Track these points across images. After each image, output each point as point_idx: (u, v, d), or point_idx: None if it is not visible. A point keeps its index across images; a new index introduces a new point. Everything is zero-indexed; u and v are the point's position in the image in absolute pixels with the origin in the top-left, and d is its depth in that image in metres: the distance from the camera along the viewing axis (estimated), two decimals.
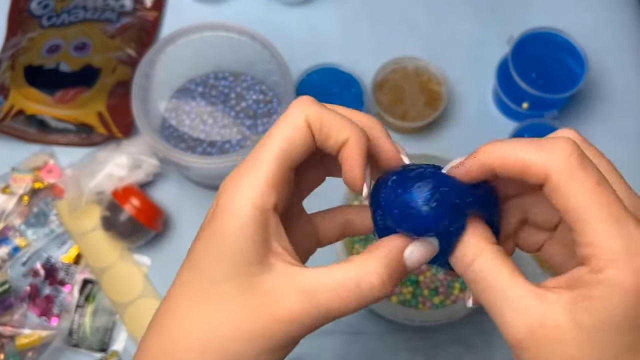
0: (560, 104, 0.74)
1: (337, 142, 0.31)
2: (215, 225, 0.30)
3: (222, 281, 0.29)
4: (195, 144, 0.72)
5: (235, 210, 0.29)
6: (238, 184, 0.30)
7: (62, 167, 0.72)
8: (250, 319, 0.29)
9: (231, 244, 0.29)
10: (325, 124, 0.31)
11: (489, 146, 0.29)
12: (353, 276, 0.29)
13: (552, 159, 0.27)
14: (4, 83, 0.72)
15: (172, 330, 0.31)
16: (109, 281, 0.67)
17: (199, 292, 0.30)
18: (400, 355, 0.66)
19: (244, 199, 0.29)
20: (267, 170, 0.30)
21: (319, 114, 0.31)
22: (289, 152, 0.30)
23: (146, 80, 0.67)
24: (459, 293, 0.64)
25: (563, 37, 0.73)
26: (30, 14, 0.78)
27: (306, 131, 0.31)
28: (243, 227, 0.29)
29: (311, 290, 0.29)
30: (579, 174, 0.27)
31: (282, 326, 0.29)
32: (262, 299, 0.29)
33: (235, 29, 0.69)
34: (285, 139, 0.30)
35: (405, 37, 0.80)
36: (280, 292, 0.29)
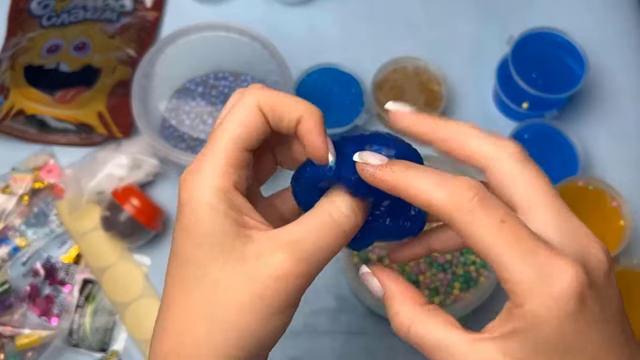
0: (560, 104, 0.74)
1: (292, 120, 0.32)
2: (186, 215, 0.31)
3: (209, 263, 0.30)
4: (195, 144, 0.72)
5: (202, 196, 0.30)
6: (199, 173, 0.31)
7: (62, 167, 0.72)
8: (246, 287, 0.30)
9: (206, 226, 0.30)
10: (277, 105, 0.32)
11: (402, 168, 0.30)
12: (324, 213, 0.31)
13: (453, 202, 0.28)
14: (4, 83, 0.72)
15: (176, 328, 0.31)
16: (109, 281, 0.67)
17: (190, 280, 0.31)
18: (400, 355, 0.66)
19: (207, 184, 0.31)
20: (224, 153, 0.31)
21: (269, 97, 0.32)
22: (244, 135, 0.31)
23: (146, 80, 0.67)
24: (459, 293, 0.64)
25: (563, 37, 0.73)
26: (30, 14, 0.78)
27: (259, 114, 0.32)
28: (212, 209, 0.30)
29: (294, 240, 0.30)
30: (480, 215, 0.27)
31: (279, 283, 0.30)
32: (251, 265, 0.30)
33: (235, 29, 0.69)
34: (239, 123, 0.31)
35: (405, 37, 0.80)
36: (267, 253, 0.30)
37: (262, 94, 0.32)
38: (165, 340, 0.31)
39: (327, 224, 0.31)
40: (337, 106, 0.73)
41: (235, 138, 0.31)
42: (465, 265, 0.65)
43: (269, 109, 0.32)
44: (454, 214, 0.28)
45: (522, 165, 0.30)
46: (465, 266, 0.65)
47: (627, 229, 0.65)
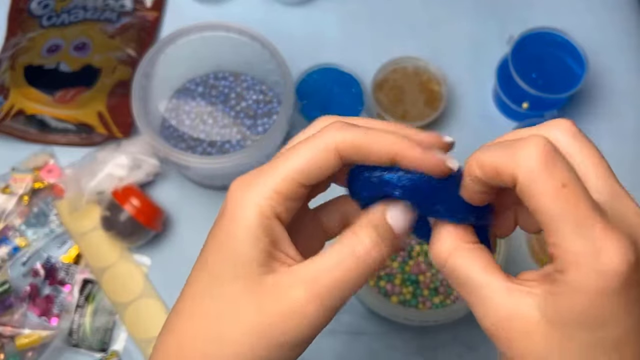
0: (560, 104, 0.74)
1: (383, 158, 0.31)
2: (221, 226, 0.31)
3: (228, 280, 0.30)
4: (195, 144, 0.72)
5: (242, 212, 0.30)
6: (248, 189, 0.31)
7: (62, 167, 0.72)
8: (253, 314, 0.29)
9: (236, 244, 0.30)
10: (363, 147, 0.30)
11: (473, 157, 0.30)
12: (347, 248, 0.30)
13: (518, 162, 0.27)
14: (4, 83, 0.72)
15: (182, 329, 0.31)
16: (109, 281, 0.67)
17: (206, 290, 0.31)
18: (400, 355, 0.66)
19: (251, 203, 0.30)
20: (279, 181, 0.30)
21: (352, 139, 0.30)
22: (306, 173, 0.31)
23: (146, 80, 0.67)
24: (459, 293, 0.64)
25: (563, 37, 0.73)
26: (30, 14, 0.78)
27: (333, 158, 0.31)
28: (248, 230, 0.30)
29: (312, 277, 0.30)
30: (542, 176, 0.27)
31: (288, 321, 0.29)
32: (266, 295, 0.30)
33: (235, 29, 0.69)
34: (307, 160, 0.30)
35: (405, 37, 0.80)
36: (283, 287, 0.30)
37: (344, 137, 0.30)
38: (167, 350, 0.31)
39: (347, 260, 0.30)
40: (337, 106, 0.73)
41: (296, 172, 0.30)
42: None
43: (352, 151, 0.30)
44: (520, 178, 0.27)
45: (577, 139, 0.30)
46: None
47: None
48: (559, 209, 0.26)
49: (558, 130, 0.30)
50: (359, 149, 0.30)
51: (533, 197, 0.27)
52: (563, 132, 0.30)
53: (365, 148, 0.30)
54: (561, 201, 0.26)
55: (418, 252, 0.65)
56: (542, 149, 0.27)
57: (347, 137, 0.30)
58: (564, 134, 0.30)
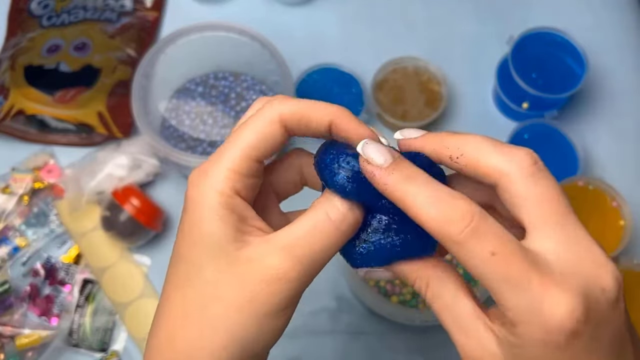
0: (560, 104, 0.74)
1: (321, 124, 0.32)
2: (187, 215, 0.31)
3: (204, 264, 0.30)
4: (195, 144, 0.72)
5: (202, 198, 0.31)
6: (203, 175, 0.31)
7: (62, 167, 0.72)
8: (237, 290, 0.30)
9: (204, 227, 0.30)
10: (303, 114, 0.32)
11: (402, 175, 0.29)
12: (321, 212, 0.31)
13: (443, 226, 0.27)
14: (4, 83, 0.72)
15: (170, 321, 0.31)
16: (109, 281, 0.67)
17: (185, 280, 0.31)
18: (400, 355, 0.66)
19: (211, 187, 0.31)
20: (232, 160, 0.31)
21: (293, 108, 0.32)
22: (254, 145, 0.31)
23: (146, 80, 0.67)
24: None
25: (563, 37, 0.73)
26: (30, 14, 0.78)
27: (277, 127, 0.32)
28: (211, 211, 0.30)
29: (289, 243, 0.30)
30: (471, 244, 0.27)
31: (269, 287, 0.29)
32: (243, 268, 0.30)
33: (235, 29, 0.69)
34: (256, 135, 0.31)
35: (405, 37, 0.80)
36: (260, 256, 0.30)
37: (285, 106, 0.32)
38: (159, 338, 0.32)
39: (323, 224, 0.30)
40: None
41: (245, 147, 0.31)
42: None
43: (294, 120, 0.32)
44: (444, 238, 0.27)
45: (533, 181, 0.28)
46: None
47: (627, 228, 0.65)
48: (492, 274, 0.27)
49: (516, 166, 0.28)
50: (300, 118, 0.31)
51: (464, 262, 0.27)
52: (520, 168, 0.28)
53: (306, 117, 0.32)
54: (492, 266, 0.27)
55: None
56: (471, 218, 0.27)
57: (289, 107, 0.32)
58: (521, 171, 0.28)
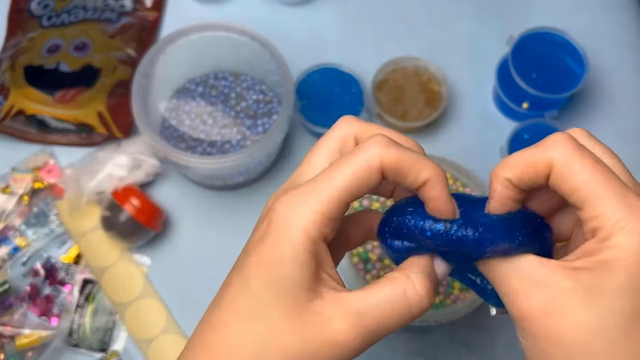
0: (560, 104, 0.74)
1: (416, 182, 0.31)
2: (267, 248, 0.30)
3: (273, 305, 0.30)
4: (195, 144, 0.72)
5: (289, 235, 0.29)
6: (293, 209, 0.30)
7: (62, 167, 0.72)
8: (299, 342, 0.29)
9: (283, 270, 0.29)
10: (403, 168, 0.30)
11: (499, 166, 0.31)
12: (399, 288, 0.30)
13: (552, 150, 0.29)
14: (4, 83, 0.72)
15: (218, 348, 0.30)
16: (109, 281, 0.67)
17: (249, 313, 0.30)
18: (400, 355, 0.66)
19: (299, 227, 0.29)
20: (327, 202, 0.30)
21: (395, 158, 0.30)
22: (353, 191, 0.30)
23: (146, 80, 0.67)
24: (459, 293, 0.64)
25: (563, 37, 0.73)
26: (30, 14, 0.78)
27: (378, 175, 0.30)
28: (296, 255, 0.29)
29: (359, 312, 0.30)
30: (576, 156, 0.29)
31: (331, 350, 0.29)
32: (311, 323, 0.29)
33: (235, 29, 0.69)
34: (355, 178, 0.30)
35: (405, 37, 0.80)
36: (329, 316, 0.29)
37: (388, 154, 0.30)
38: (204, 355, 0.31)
39: (397, 301, 0.30)
40: (337, 106, 0.73)
41: (341, 191, 0.30)
42: None
43: (392, 170, 0.30)
44: (556, 162, 0.29)
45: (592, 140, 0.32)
46: None
47: None
48: (596, 181, 0.28)
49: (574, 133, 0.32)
50: (398, 170, 0.30)
51: (572, 177, 0.29)
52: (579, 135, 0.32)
53: (405, 171, 0.30)
54: (598, 174, 0.29)
55: None
56: (569, 138, 0.30)
57: (392, 156, 0.30)
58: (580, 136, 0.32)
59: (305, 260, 0.29)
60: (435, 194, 0.31)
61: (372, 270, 0.64)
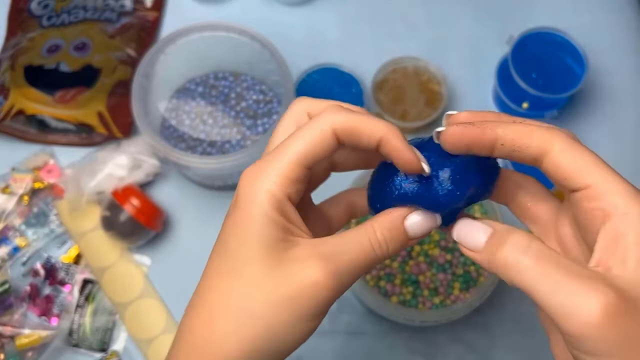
0: (560, 104, 0.74)
1: (371, 140, 0.33)
2: (238, 212, 0.33)
3: (251, 260, 0.32)
4: (195, 144, 0.72)
5: (255, 197, 0.32)
6: (258, 176, 0.33)
7: (62, 167, 0.72)
8: (279, 288, 0.31)
9: (255, 227, 0.32)
10: (356, 129, 0.33)
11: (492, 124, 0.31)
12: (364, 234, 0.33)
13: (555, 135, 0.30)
14: (4, 83, 0.72)
15: (207, 309, 0.33)
16: (109, 281, 0.67)
17: (230, 272, 0.32)
18: (400, 355, 0.66)
19: (265, 189, 0.32)
20: (286, 166, 0.32)
21: (347, 121, 0.33)
22: (309, 155, 0.33)
23: (146, 80, 0.67)
24: (459, 293, 0.64)
25: (563, 37, 0.73)
26: (30, 14, 0.78)
27: (331, 139, 0.33)
28: (264, 212, 0.32)
29: (332, 252, 0.32)
30: (578, 145, 0.30)
31: (309, 291, 0.31)
32: (288, 269, 0.32)
33: (235, 29, 0.69)
34: (309, 143, 0.33)
35: (405, 37, 0.80)
36: (304, 260, 0.32)
37: (340, 118, 0.33)
38: (196, 326, 0.33)
39: (364, 247, 0.33)
40: None
41: (300, 155, 0.32)
42: (465, 265, 0.65)
43: (346, 133, 0.33)
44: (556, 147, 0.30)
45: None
46: (465, 266, 0.65)
47: None
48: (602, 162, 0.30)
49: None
50: (352, 131, 0.33)
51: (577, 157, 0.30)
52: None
53: (358, 131, 0.33)
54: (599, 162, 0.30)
55: (418, 252, 0.65)
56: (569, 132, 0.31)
57: (342, 119, 0.33)
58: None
59: (273, 216, 0.32)
60: (393, 147, 0.32)
61: (372, 270, 0.64)
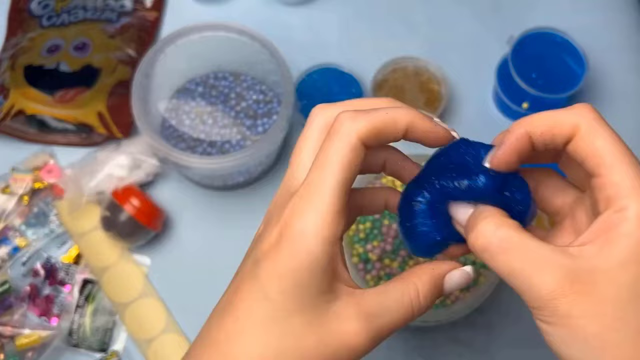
0: (560, 104, 0.74)
1: (400, 133, 0.32)
2: (283, 257, 0.30)
3: (293, 312, 0.30)
4: (195, 144, 0.72)
5: (305, 244, 0.30)
6: (303, 215, 0.30)
7: (62, 167, 0.72)
8: (317, 344, 0.30)
9: (303, 277, 0.30)
10: (380, 129, 0.31)
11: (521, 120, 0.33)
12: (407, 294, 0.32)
13: (579, 115, 0.31)
14: (4, 83, 0.72)
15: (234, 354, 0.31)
16: (109, 281, 0.67)
17: (267, 320, 0.30)
18: (400, 356, 0.66)
19: (314, 233, 0.30)
20: (331, 198, 0.30)
21: (370, 126, 0.31)
22: (348, 176, 0.30)
23: (146, 80, 0.67)
24: (459, 293, 0.64)
25: (563, 37, 0.73)
26: (30, 14, 0.78)
27: (361, 150, 0.31)
28: (314, 261, 0.30)
29: (373, 313, 0.31)
30: (601, 123, 0.31)
31: (347, 352, 0.31)
32: (328, 325, 0.30)
33: (235, 29, 0.69)
34: (344, 164, 0.30)
35: (405, 37, 0.80)
36: (346, 317, 0.31)
37: (361, 126, 0.30)
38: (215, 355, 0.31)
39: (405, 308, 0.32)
40: None
41: (340, 180, 0.30)
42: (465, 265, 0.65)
43: (372, 137, 0.31)
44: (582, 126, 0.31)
45: None
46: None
47: None
48: (617, 150, 0.30)
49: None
50: (378, 134, 0.31)
51: (595, 141, 0.30)
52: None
53: (384, 132, 0.31)
54: (617, 143, 0.31)
55: None
56: (593, 107, 0.32)
57: (364, 125, 0.31)
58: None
59: (324, 263, 0.30)
60: (422, 131, 0.32)
61: (372, 270, 0.64)
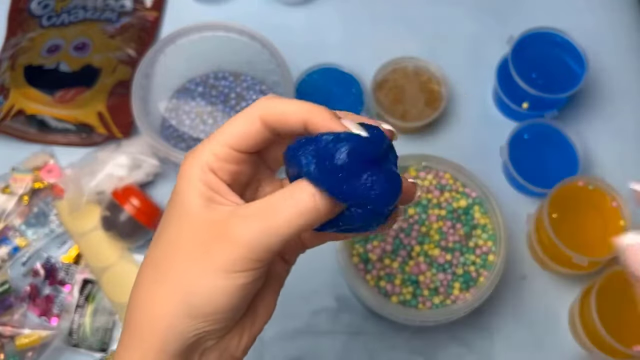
0: (560, 104, 0.74)
1: (299, 120, 0.34)
2: (174, 188, 0.37)
3: (169, 225, 0.36)
4: (195, 144, 0.71)
5: (186, 173, 0.36)
6: (192, 156, 0.36)
7: (62, 167, 0.72)
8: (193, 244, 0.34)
9: (180, 197, 0.36)
10: (281, 114, 0.34)
11: None
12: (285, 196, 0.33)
13: None
14: (4, 83, 0.72)
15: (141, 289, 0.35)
16: (109, 281, 0.67)
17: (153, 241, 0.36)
18: (400, 355, 0.66)
19: (193, 164, 0.36)
20: (215, 146, 0.35)
21: (272, 107, 0.35)
22: (237, 138, 0.35)
23: (146, 80, 0.67)
24: (459, 293, 0.64)
25: (563, 37, 0.73)
26: (30, 14, 0.78)
27: (259, 125, 0.35)
28: (189, 183, 0.35)
29: (248, 214, 0.33)
30: None
31: (224, 246, 0.33)
32: (205, 227, 0.34)
33: (235, 29, 0.69)
34: (238, 128, 0.35)
35: (405, 37, 0.80)
36: (220, 219, 0.34)
37: (266, 105, 0.35)
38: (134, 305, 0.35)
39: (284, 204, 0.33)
40: (337, 106, 0.73)
41: (228, 137, 0.35)
42: (465, 265, 0.65)
43: (274, 119, 0.34)
44: None
45: None
46: (465, 266, 0.65)
47: (627, 229, 0.65)
48: None
49: None
50: (278, 118, 0.34)
51: None
52: None
53: (283, 116, 0.34)
54: None
55: (418, 252, 0.65)
56: None
57: (268, 107, 0.35)
58: None
59: (197, 186, 0.35)
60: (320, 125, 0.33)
61: (372, 270, 0.64)
